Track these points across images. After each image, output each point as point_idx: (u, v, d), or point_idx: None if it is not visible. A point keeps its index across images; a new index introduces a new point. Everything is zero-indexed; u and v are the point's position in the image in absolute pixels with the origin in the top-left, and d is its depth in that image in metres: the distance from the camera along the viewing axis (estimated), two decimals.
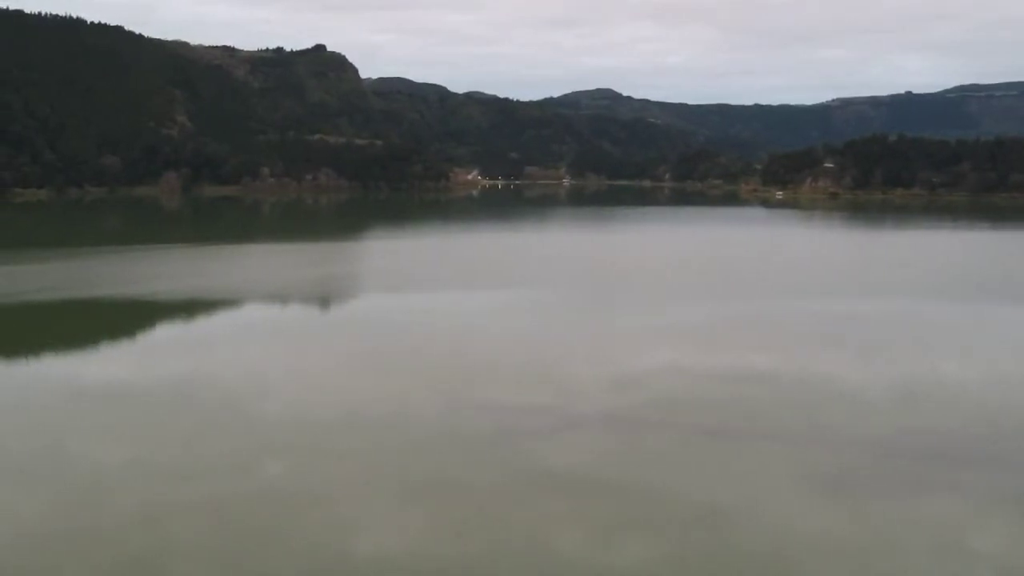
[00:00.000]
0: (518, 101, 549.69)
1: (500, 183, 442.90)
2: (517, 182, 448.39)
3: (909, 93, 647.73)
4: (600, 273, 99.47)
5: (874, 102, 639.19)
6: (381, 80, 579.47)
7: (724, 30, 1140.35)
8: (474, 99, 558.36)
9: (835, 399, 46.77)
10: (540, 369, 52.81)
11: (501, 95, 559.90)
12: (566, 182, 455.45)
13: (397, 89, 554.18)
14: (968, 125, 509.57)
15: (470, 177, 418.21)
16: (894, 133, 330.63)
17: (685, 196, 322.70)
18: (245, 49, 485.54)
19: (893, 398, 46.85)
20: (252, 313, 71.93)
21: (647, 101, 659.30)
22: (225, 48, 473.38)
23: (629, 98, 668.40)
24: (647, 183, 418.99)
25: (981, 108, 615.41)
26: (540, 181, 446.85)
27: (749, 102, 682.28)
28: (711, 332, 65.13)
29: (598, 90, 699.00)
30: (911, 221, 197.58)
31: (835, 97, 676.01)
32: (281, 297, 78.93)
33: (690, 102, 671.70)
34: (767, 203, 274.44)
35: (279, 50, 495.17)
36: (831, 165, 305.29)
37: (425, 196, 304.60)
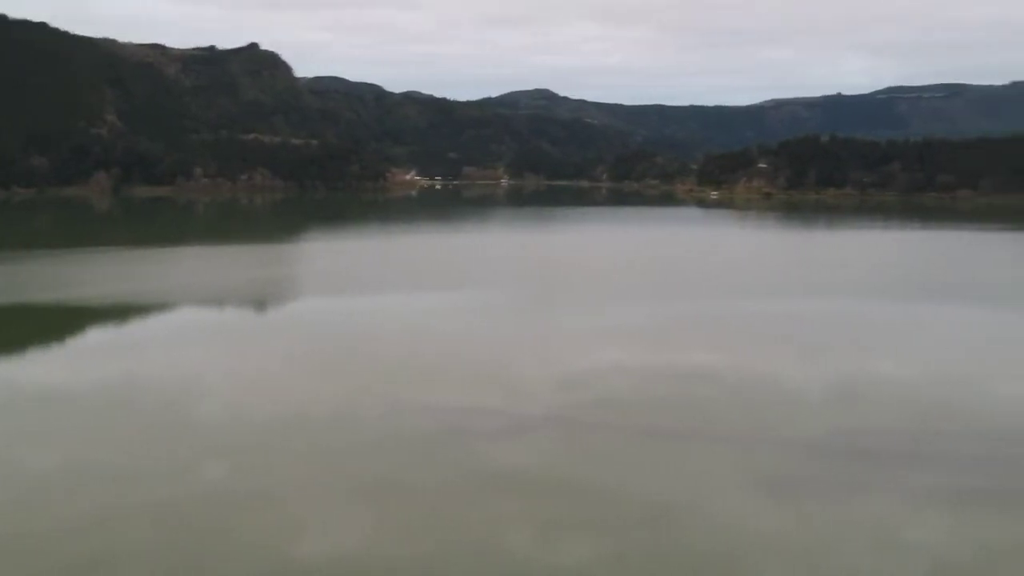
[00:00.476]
0: (456, 101, 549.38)
1: (438, 183, 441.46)
2: (456, 182, 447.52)
3: (840, 94, 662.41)
4: (543, 274, 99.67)
5: (807, 103, 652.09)
6: (316, 79, 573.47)
7: (662, 31, 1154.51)
8: (412, 99, 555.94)
9: (777, 398, 47.45)
10: (487, 370, 52.64)
11: (439, 95, 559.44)
12: (505, 182, 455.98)
13: (333, 88, 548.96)
14: (898, 126, 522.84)
15: (408, 177, 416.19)
16: (826, 134, 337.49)
17: (623, 196, 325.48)
18: (177, 47, 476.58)
19: (833, 397, 47.60)
20: (191, 317, 70.47)
21: (584, 101, 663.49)
22: (156, 46, 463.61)
23: (567, 98, 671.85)
24: (585, 183, 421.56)
25: (910, 109, 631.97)
26: (479, 181, 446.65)
27: (685, 103, 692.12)
28: (655, 332, 65.66)
29: (536, 90, 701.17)
30: (844, 221, 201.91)
31: (770, 98, 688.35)
32: (220, 301, 77.47)
33: (627, 102, 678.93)
34: (703, 203, 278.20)
35: (212, 48, 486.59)
36: (765, 165, 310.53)
37: (363, 196, 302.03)
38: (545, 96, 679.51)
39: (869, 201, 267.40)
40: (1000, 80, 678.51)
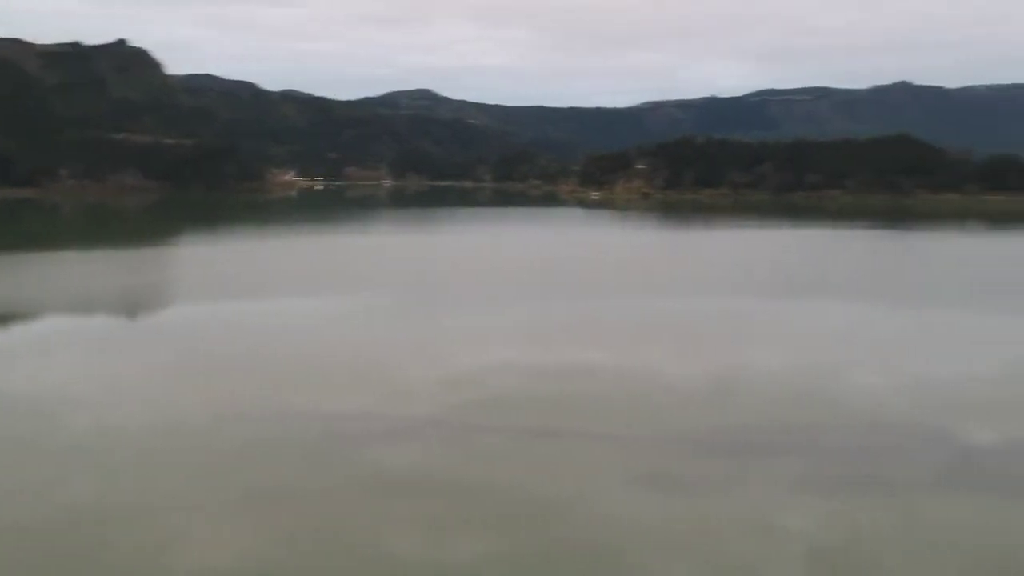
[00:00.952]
0: (335, 100, 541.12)
1: (319, 184, 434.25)
2: (337, 183, 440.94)
3: (714, 97, 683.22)
4: (430, 275, 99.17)
5: (683, 105, 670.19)
6: (190, 77, 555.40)
7: (540, 33, 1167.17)
8: (290, 97, 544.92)
9: (658, 394, 48.50)
10: (372, 373, 52.01)
11: (318, 94, 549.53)
12: (387, 183, 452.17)
13: (207, 87, 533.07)
14: (769, 127, 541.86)
15: (288, 178, 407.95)
16: (702, 135, 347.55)
17: (507, 196, 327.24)
18: (39, 42, 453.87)
19: (711, 392, 48.92)
20: (59, 325, 67.22)
21: (466, 102, 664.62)
22: (15, 41, 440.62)
23: (448, 99, 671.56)
24: (468, 184, 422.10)
25: (781, 111, 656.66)
26: (360, 182, 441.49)
27: (566, 104, 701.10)
28: (541, 331, 66.20)
29: (417, 90, 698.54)
30: (720, 221, 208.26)
31: (647, 100, 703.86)
32: (91, 308, 74.17)
33: (508, 103, 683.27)
34: (584, 203, 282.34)
35: (76, 44, 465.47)
36: (643, 166, 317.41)
37: (241, 197, 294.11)
38: (426, 96, 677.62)
39: (743, 201, 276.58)
40: (863, 84, 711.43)
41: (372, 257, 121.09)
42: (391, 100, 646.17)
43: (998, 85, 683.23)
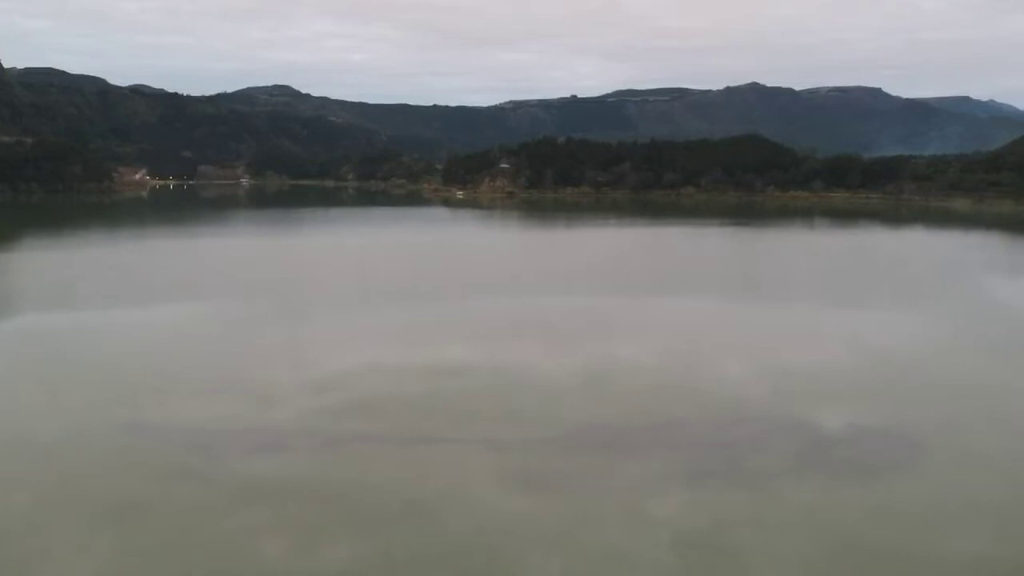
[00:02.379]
0: (188, 96, 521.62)
1: (172, 183, 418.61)
2: (191, 182, 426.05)
3: (575, 97, 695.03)
4: (292, 279, 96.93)
5: (544, 104, 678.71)
6: (29, 70, 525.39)
7: (404, 31, 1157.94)
8: (140, 93, 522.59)
9: (527, 393, 49.06)
10: (234, 380, 50.63)
11: (170, 89, 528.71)
12: (245, 182, 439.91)
13: (50, 81, 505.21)
14: (627, 127, 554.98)
15: (138, 177, 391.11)
16: (563, 135, 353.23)
17: (370, 196, 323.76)
18: None
19: (579, 390, 49.80)
20: None
21: (327, 99, 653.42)
22: None
23: (308, 95, 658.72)
24: (331, 183, 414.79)
25: (638, 112, 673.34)
26: (216, 181, 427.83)
27: (429, 103, 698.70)
28: (409, 333, 65.84)
29: (275, 86, 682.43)
30: (582, 219, 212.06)
31: (509, 99, 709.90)
32: None
33: (371, 101, 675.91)
34: (449, 203, 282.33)
35: None
36: (507, 165, 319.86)
37: (87, 199, 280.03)
38: (285, 93, 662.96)
39: (604, 199, 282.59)
40: (716, 85, 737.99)
41: (230, 261, 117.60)
42: (248, 96, 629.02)
43: (840, 87, 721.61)
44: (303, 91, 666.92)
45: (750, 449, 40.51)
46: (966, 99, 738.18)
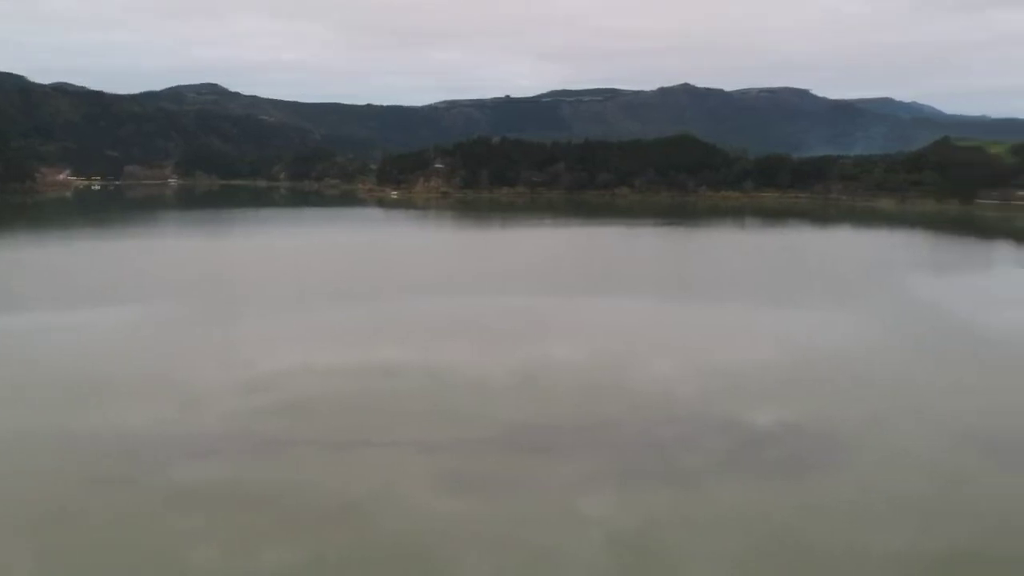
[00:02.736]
0: (114, 94, 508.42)
1: (98, 183, 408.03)
2: (117, 182, 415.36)
3: (509, 97, 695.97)
4: (222, 281, 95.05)
5: (479, 104, 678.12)
6: None
7: (336, 29, 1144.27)
8: (63, 91, 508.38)
9: (461, 394, 48.94)
10: (164, 385, 49.56)
11: (94, 87, 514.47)
12: (173, 182, 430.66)
13: None
14: (561, 127, 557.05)
15: (61, 177, 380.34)
16: (498, 136, 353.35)
17: (303, 196, 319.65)
18: None
19: (513, 390, 49.90)
20: None
21: (258, 98, 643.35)
22: None
23: (238, 94, 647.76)
24: (263, 183, 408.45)
25: (572, 112, 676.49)
26: (144, 181, 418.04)
27: (363, 101, 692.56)
28: (342, 334, 65.23)
29: (204, 84, 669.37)
30: (517, 219, 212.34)
31: (443, 99, 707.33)
32: None
33: (304, 100, 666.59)
34: (384, 203, 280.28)
35: None
36: (442, 166, 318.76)
37: (9, 199, 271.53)
38: (214, 91, 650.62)
39: (539, 199, 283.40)
40: (649, 86, 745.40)
41: (159, 263, 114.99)
42: (176, 94, 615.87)
43: (769, 88, 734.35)
44: (233, 89, 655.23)
45: (682, 448, 40.93)
46: (889, 100, 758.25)
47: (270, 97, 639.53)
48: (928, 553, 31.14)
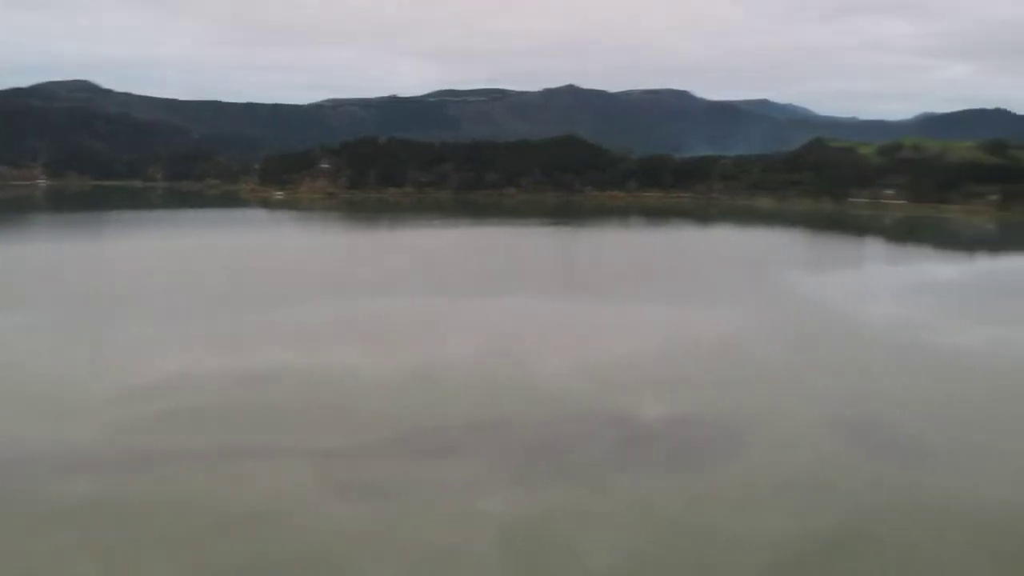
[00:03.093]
0: None
1: None
2: None
3: (395, 96, 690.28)
4: (97, 287, 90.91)
5: (364, 104, 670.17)
6: None
7: (218, 24, 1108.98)
8: None
9: (353, 399, 48.28)
10: (33, 396, 47.35)
11: None
12: (42, 183, 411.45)
13: None
14: (448, 127, 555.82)
15: None
16: (385, 135, 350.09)
17: (183, 197, 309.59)
18: None
19: (406, 394, 49.51)
20: None
21: (132, 95, 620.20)
22: None
23: (112, 91, 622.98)
24: (139, 183, 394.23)
25: (459, 112, 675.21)
26: (11, 182, 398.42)
27: (243, 99, 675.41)
28: (227, 340, 63.52)
29: (75, 81, 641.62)
30: (404, 220, 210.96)
31: (328, 98, 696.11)
32: None
33: (182, 97, 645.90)
34: (268, 204, 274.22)
35: None
36: (327, 166, 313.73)
37: None
38: (86, 88, 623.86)
39: (427, 199, 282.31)
40: (534, 87, 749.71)
41: (27, 270, 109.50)
42: (45, 91, 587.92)
43: (651, 90, 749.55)
44: (106, 87, 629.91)
45: (575, 444, 41.48)
46: (766, 102, 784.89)
47: (145, 95, 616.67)
48: (811, 534, 32.47)
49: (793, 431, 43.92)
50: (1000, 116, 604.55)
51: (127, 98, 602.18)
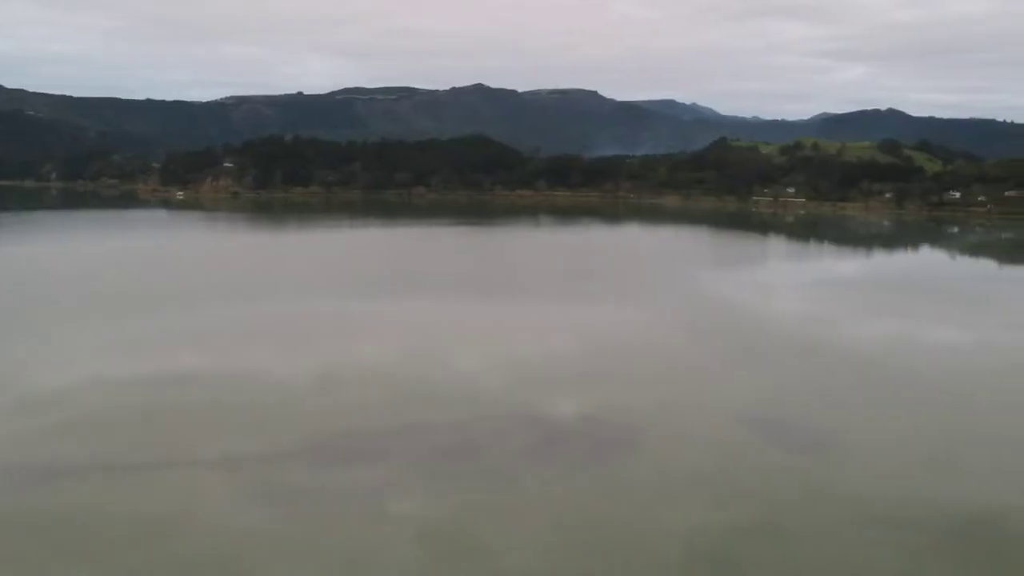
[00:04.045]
0: None
1: None
2: None
3: (301, 93, 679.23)
4: None
5: (269, 101, 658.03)
6: None
7: (112, 20, 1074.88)
8: None
9: (264, 404, 47.14)
10: None
11: None
12: None
13: None
14: (356, 126, 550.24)
15: None
16: (290, 133, 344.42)
17: (78, 197, 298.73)
18: None
19: (319, 398, 48.87)
20: None
21: (25, 91, 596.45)
22: None
23: (3, 87, 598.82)
24: (32, 183, 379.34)
25: (366, 110, 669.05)
26: None
27: (142, 96, 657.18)
28: (134, 345, 61.48)
29: None
30: (313, 220, 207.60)
31: (231, 95, 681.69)
32: None
33: (77, 94, 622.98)
34: (168, 204, 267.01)
35: None
36: (231, 164, 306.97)
37: None
38: None
39: (335, 199, 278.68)
40: (443, 85, 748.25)
41: None
42: None
43: (560, 90, 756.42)
44: None
45: (488, 444, 41.38)
46: (672, 102, 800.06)
47: (39, 91, 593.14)
48: (721, 525, 32.98)
49: (699, 426, 44.66)
50: (894, 116, 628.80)
51: (19, 94, 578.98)
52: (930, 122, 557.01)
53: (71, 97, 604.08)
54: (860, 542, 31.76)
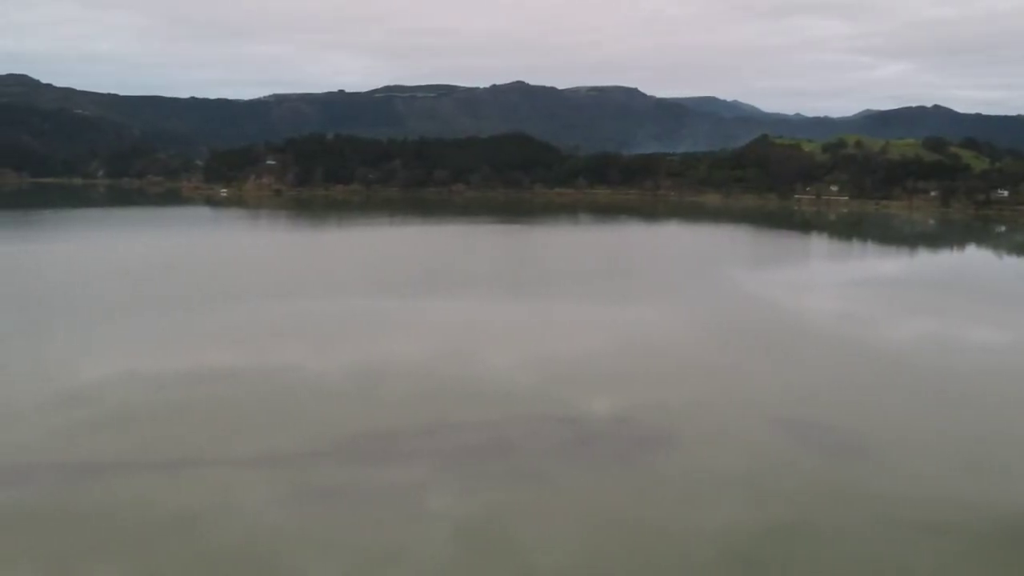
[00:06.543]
0: None
1: None
2: None
3: (342, 91, 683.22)
4: (36, 289, 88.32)
5: (309, 99, 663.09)
6: None
7: (156, 18, 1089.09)
8: None
9: (301, 401, 47.59)
10: None
11: None
12: None
13: None
14: (396, 124, 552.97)
15: None
16: (331, 132, 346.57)
17: (124, 195, 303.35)
18: None
19: (357, 396, 49.28)
20: None
21: (72, 90, 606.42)
22: None
23: (50, 86, 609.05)
24: (79, 180, 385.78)
25: (406, 108, 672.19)
26: None
27: (185, 95, 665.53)
28: (177, 341, 62.53)
29: (11, 76, 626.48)
30: (353, 218, 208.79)
31: (272, 93, 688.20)
32: None
33: (121, 92, 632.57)
34: (212, 201, 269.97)
35: None
36: (273, 162, 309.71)
37: None
38: (22, 83, 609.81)
39: (375, 197, 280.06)
40: (483, 83, 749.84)
41: None
42: None
43: (599, 87, 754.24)
44: (44, 81, 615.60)
45: (522, 443, 41.42)
46: (713, 99, 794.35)
47: (85, 89, 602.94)
48: (753, 525, 32.76)
49: (732, 427, 44.36)
50: (939, 113, 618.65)
51: (66, 93, 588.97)
52: (976, 119, 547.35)
53: (116, 96, 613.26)
54: (894, 544, 31.38)
